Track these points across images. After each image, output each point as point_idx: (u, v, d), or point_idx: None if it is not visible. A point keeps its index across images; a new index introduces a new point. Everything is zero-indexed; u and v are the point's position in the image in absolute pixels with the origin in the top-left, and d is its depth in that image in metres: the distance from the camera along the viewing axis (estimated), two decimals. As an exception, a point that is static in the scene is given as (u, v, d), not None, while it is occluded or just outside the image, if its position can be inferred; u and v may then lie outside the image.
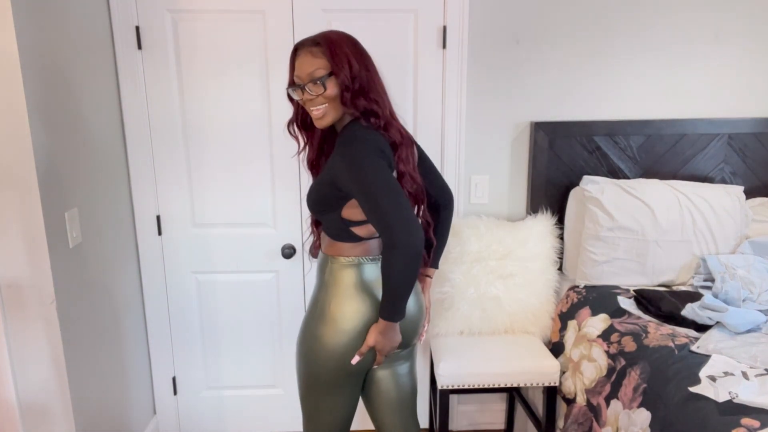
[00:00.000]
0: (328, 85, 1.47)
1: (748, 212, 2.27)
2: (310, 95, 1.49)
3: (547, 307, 2.24)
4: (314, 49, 1.49)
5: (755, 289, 1.95)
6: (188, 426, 2.60)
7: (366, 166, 1.42)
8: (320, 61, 1.48)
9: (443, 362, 2.04)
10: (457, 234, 2.21)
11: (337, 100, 1.50)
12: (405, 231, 1.36)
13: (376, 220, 1.39)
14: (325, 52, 1.48)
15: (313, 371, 1.57)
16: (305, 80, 1.49)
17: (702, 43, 2.35)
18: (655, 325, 1.86)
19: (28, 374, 1.73)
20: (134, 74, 2.22)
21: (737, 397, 1.45)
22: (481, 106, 2.35)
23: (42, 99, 1.66)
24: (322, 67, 1.48)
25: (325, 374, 1.56)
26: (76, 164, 1.87)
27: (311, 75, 1.48)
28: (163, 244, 2.40)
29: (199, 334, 2.50)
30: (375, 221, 1.40)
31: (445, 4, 2.24)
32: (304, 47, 1.50)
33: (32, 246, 1.64)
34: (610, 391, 1.79)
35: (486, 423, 2.65)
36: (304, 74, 1.49)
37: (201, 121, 2.29)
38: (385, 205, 1.37)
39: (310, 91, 1.48)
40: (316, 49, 1.49)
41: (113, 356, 2.14)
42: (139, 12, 2.18)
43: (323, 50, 1.48)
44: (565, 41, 2.31)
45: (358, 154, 1.43)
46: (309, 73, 1.48)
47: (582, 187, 2.27)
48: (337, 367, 1.55)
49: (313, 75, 1.48)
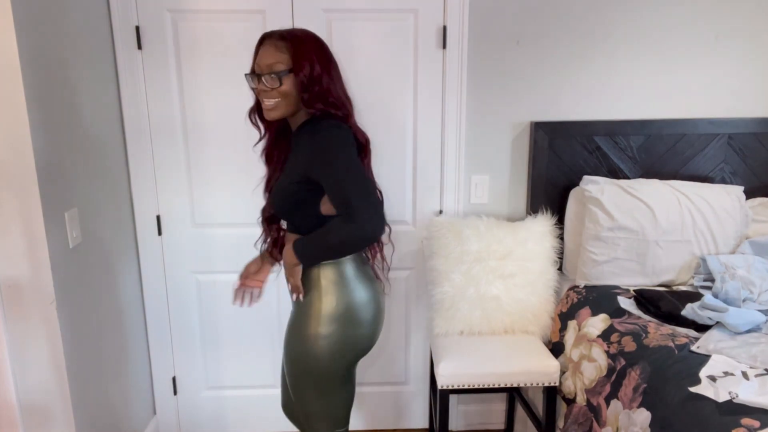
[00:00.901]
0: (285, 81, 1.48)
1: (748, 212, 2.27)
2: (265, 87, 1.50)
3: (547, 307, 2.23)
4: (279, 43, 1.50)
5: (755, 289, 1.95)
6: (188, 426, 2.60)
7: (339, 151, 1.45)
8: (283, 56, 1.49)
9: (443, 362, 2.04)
10: (457, 234, 2.21)
11: (291, 98, 1.51)
12: (368, 214, 1.41)
13: (341, 198, 1.41)
14: (289, 49, 1.49)
15: (322, 371, 1.58)
16: (263, 70, 1.50)
17: (702, 43, 2.35)
18: (655, 325, 1.86)
19: (28, 374, 1.73)
20: (134, 74, 2.22)
21: (737, 397, 1.45)
22: (481, 106, 2.35)
23: (42, 99, 1.66)
24: (282, 62, 1.49)
25: (335, 370, 1.58)
26: (76, 164, 1.87)
27: (270, 67, 1.49)
28: (163, 244, 2.40)
29: (199, 334, 2.50)
30: (339, 200, 1.42)
31: (445, 4, 2.24)
32: (271, 39, 1.51)
33: (32, 246, 1.65)
34: (610, 391, 1.79)
35: (486, 423, 2.65)
36: (263, 64, 1.49)
37: (201, 120, 2.29)
38: (354, 188, 1.41)
39: (266, 82, 1.49)
40: (281, 43, 1.49)
41: (113, 356, 2.14)
42: (139, 12, 2.18)
43: (288, 46, 1.49)
44: (565, 41, 2.31)
45: (332, 140, 1.45)
46: (269, 65, 1.49)
47: (582, 187, 2.27)
48: (345, 359, 1.58)
49: (272, 67, 1.49)
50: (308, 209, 1.54)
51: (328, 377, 1.59)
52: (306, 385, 1.61)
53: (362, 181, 1.43)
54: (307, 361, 1.58)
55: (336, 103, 1.53)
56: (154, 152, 2.31)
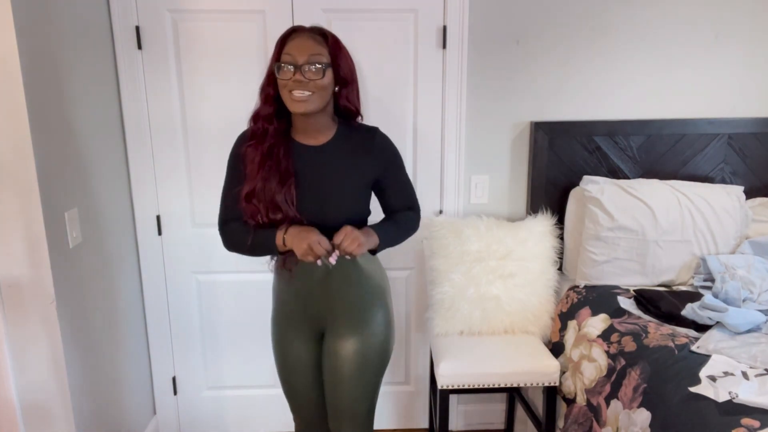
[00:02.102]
0: (326, 74, 1.47)
1: (748, 212, 2.27)
2: (302, 78, 1.44)
3: (547, 307, 2.23)
4: (318, 37, 1.48)
5: (755, 289, 1.95)
6: (188, 426, 2.60)
7: (400, 156, 1.68)
8: (323, 49, 1.47)
9: (443, 362, 2.04)
10: (457, 234, 2.21)
11: (325, 93, 1.49)
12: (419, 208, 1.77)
13: (408, 196, 1.71)
14: (329, 44, 1.48)
15: (386, 361, 1.69)
16: (302, 61, 1.44)
17: (702, 43, 2.35)
18: (655, 325, 1.86)
19: (28, 374, 1.73)
20: (134, 74, 2.22)
21: (737, 397, 1.45)
22: (481, 106, 2.35)
23: (42, 99, 1.66)
24: (324, 55, 1.47)
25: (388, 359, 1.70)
26: (76, 164, 1.87)
27: (311, 58, 1.45)
28: (163, 244, 2.40)
29: (199, 334, 2.50)
30: (406, 197, 1.70)
31: (445, 4, 2.24)
32: (306, 32, 1.48)
33: (32, 246, 1.64)
34: (610, 391, 1.79)
35: (486, 423, 2.65)
36: (303, 54, 1.44)
37: (201, 121, 2.29)
38: (413, 188, 1.73)
39: (305, 73, 1.44)
40: (320, 38, 1.48)
41: (113, 356, 2.14)
42: (139, 12, 2.18)
43: (327, 42, 1.49)
44: (565, 41, 2.31)
45: (394, 146, 1.66)
46: (310, 55, 1.45)
47: (582, 187, 2.27)
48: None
49: (315, 59, 1.45)
50: (365, 209, 1.64)
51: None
52: (379, 377, 1.67)
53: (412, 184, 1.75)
54: (387, 351, 1.67)
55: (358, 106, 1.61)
56: (154, 152, 2.31)
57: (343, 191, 1.56)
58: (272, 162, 1.53)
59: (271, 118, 1.55)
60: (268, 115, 1.55)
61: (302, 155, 1.57)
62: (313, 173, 1.56)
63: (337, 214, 1.55)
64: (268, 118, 1.55)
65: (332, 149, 1.58)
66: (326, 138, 1.59)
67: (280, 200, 1.51)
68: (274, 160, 1.53)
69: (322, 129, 1.58)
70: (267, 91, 1.54)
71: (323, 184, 1.56)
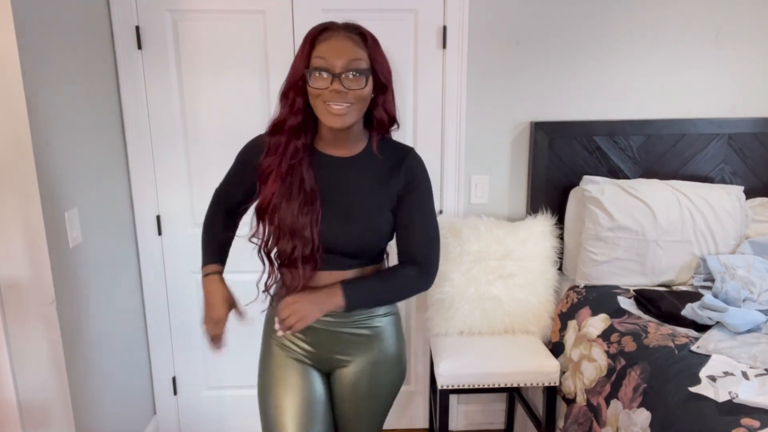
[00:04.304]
0: (368, 82, 1.26)
1: (748, 212, 2.27)
2: (341, 88, 1.22)
3: (547, 307, 2.23)
4: (356, 37, 1.27)
5: (755, 289, 1.95)
6: (188, 426, 2.60)
7: (431, 192, 1.41)
8: (363, 52, 1.26)
9: (443, 362, 2.04)
10: (457, 234, 2.21)
11: (365, 103, 1.29)
12: (436, 270, 1.39)
13: (422, 244, 1.36)
14: (368, 46, 1.27)
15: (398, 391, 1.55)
16: (340, 68, 1.22)
17: (702, 43, 2.35)
18: (655, 325, 1.86)
19: (28, 374, 1.73)
20: (134, 74, 2.22)
21: (737, 397, 1.45)
22: (481, 106, 2.35)
23: (42, 99, 1.66)
24: (364, 59, 1.26)
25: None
26: (76, 164, 1.87)
27: (351, 64, 1.23)
28: (163, 244, 2.40)
29: (199, 334, 2.50)
30: (419, 245, 1.36)
31: (445, 4, 2.24)
32: (342, 31, 1.27)
33: (32, 246, 1.64)
34: (610, 391, 1.79)
35: (486, 423, 2.65)
36: (341, 59, 1.22)
37: (201, 121, 2.29)
38: (436, 239, 1.39)
39: (345, 82, 1.22)
40: (357, 38, 1.27)
41: (113, 356, 2.14)
42: (139, 12, 2.18)
43: (366, 43, 1.27)
44: (565, 41, 2.31)
45: (428, 177, 1.40)
46: (350, 60, 1.23)
47: (582, 187, 2.27)
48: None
49: (354, 65, 1.23)
50: (387, 242, 1.42)
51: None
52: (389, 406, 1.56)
53: (438, 231, 1.39)
54: (400, 382, 1.53)
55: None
56: (154, 152, 2.31)
57: (369, 210, 1.35)
58: (293, 179, 1.32)
59: (299, 132, 1.32)
60: (296, 128, 1.32)
61: (327, 168, 1.37)
62: (338, 188, 1.36)
63: (360, 238, 1.35)
64: (296, 131, 1.32)
65: (363, 162, 1.37)
66: (357, 150, 1.39)
67: (301, 224, 1.31)
68: (296, 177, 1.32)
69: (353, 140, 1.38)
70: (293, 99, 1.30)
71: (349, 201, 1.35)
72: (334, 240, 1.34)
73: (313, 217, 1.32)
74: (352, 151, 1.38)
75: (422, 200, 1.38)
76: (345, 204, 1.35)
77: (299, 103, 1.29)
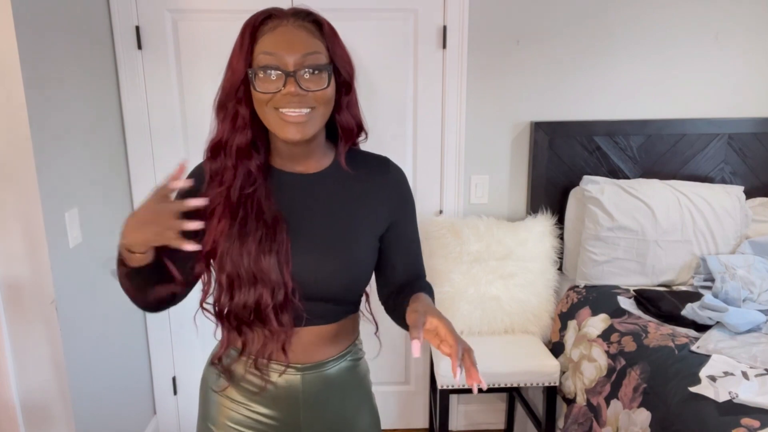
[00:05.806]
0: (331, 80, 1.00)
1: (748, 212, 2.27)
2: (299, 90, 0.96)
3: (547, 307, 2.23)
4: (309, 25, 1.00)
5: (755, 289, 1.95)
6: (188, 426, 2.60)
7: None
8: (320, 44, 1.00)
9: (443, 362, 2.04)
10: (457, 234, 2.21)
11: (329, 108, 1.03)
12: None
13: (417, 257, 1.19)
14: (325, 36, 1.01)
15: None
16: (294, 65, 0.96)
17: (702, 43, 2.35)
18: (655, 325, 1.86)
19: (28, 374, 1.73)
20: (134, 74, 2.22)
21: (737, 397, 1.45)
22: (481, 106, 2.35)
23: (42, 99, 1.66)
24: (323, 52, 0.99)
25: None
26: (76, 164, 1.87)
27: (307, 60, 0.97)
28: (163, 244, 2.40)
29: (199, 334, 2.49)
30: (416, 258, 1.19)
31: (445, 4, 2.24)
32: (290, 18, 1.00)
33: (32, 246, 1.64)
34: (610, 391, 1.79)
35: (486, 423, 2.65)
36: (294, 55, 0.96)
37: (201, 121, 2.29)
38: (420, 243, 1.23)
39: (302, 83, 0.96)
40: (311, 26, 1.01)
41: (113, 356, 2.14)
42: (139, 12, 2.18)
43: (323, 32, 1.02)
44: (565, 41, 2.31)
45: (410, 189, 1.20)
46: (305, 54, 0.97)
47: (582, 187, 2.27)
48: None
49: (311, 60, 0.97)
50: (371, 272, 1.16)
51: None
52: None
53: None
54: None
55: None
56: (154, 152, 2.31)
57: (351, 238, 1.08)
58: (247, 211, 1.03)
59: (248, 151, 1.04)
60: (244, 147, 1.03)
61: (290, 188, 1.08)
62: (306, 214, 1.08)
63: (343, 274, 1.07)
64: (245, 152, 1.03)
65: (332, 180, 1.10)
66: (323, 165, 1.11)
67: (265, 266, 1.01)
68: (251, 208, 1.03)
69: (318, 153, 1.10)
70: (234, 111, 1.02)
71: (323, 228, 1.07)
72: (311, 277, 1.05)
73: (281, 252, 1.02)
74: (318, 167, 1.10)
75: (411, 217, 1.18)
76: (318, 232, 1.07)
77: (244, 114, 1.02)
